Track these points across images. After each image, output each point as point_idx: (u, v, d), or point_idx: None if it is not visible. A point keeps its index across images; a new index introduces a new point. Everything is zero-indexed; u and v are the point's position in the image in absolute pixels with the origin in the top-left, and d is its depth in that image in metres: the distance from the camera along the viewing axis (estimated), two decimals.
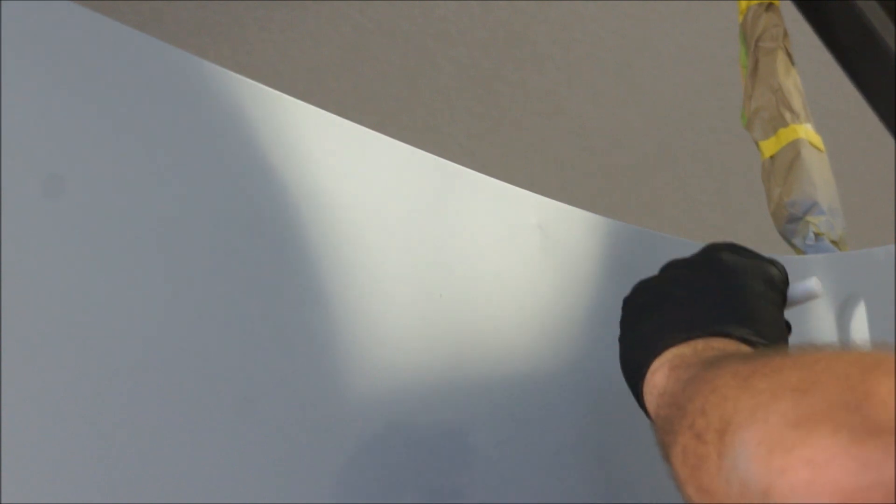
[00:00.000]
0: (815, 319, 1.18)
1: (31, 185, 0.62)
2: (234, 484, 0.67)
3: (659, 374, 0.70)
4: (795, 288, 0.80)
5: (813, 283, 0.80)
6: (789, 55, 1.45)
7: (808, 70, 1.61)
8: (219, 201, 0.72)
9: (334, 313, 0.75)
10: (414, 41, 2.63)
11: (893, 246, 1.21)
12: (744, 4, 1.50)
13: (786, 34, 1.47)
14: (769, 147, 1.44)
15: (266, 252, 0.73)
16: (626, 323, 0.78)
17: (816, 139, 1.40)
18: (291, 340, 0.73)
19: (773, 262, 0.79)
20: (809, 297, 0.80)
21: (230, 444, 0.67)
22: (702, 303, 0.73)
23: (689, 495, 0.58)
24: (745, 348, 0.70)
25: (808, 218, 1.36)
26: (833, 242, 1.34)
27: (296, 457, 0.70)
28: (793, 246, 1.37)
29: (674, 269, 0.78)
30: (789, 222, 1.37)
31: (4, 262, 0.59)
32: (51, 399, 0.60)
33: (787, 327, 0.77)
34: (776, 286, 0.77)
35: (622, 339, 0.78)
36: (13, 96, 0.62)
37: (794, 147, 1.40)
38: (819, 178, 1.38)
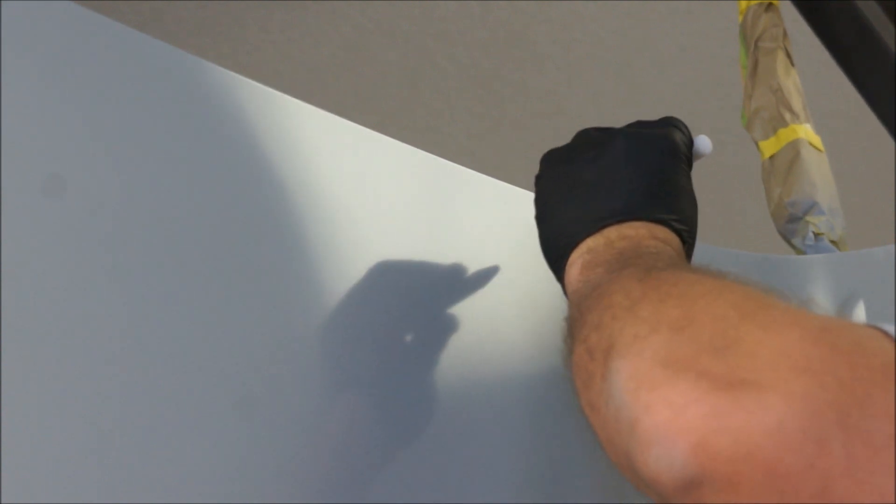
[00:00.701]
0: None
1: (31, 185, 0.62)
2: (234, 484, 0.67)
3: (573, 270, 0.72)
4: (696, 146, 0.79)
5: (703, 140, 0.79)
6: (789, 55, 1.45)
7: (808, 70, 1.61)
8: (219, 201, 0.72)
9: (334, 313, 0.75)
10: (414, 41, 2.63)
11: (893, 246, 1.21)
12: (744, 4, 1.50)
13: (786, 34, 1.47)
14: (769, 147, 1.44)
15: (266, 252, 0.73)
16: (542, 206, 0.77)
17: (816, 139, 1.40)
18: (291, 340, 0.73)
19: (675, 126, 0.79)
20: (703, 154, 0.80)
21: (230, 444, 0.67)
22: (609, 186, 0.73)
23: (582, 406, 0.61)
24: (657, 230, 0.71)
25: (808, 218, 1.35)
26: (833, 242, 1.34)
27: (296, 457, 0.70)
28: (793, 246, 1.37)
29: (582, 146, 0.77)
30: (789, 222, 1.37)
31: (4, 262, 0.59)
32: (51, 399, 0.60)
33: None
34: (681, 154, 0.77)
35: (540, 225, 0.77)
36: (13, 96, 0.62)
37: (794, 147, 1.40)
38: (819, 178, 1.38)
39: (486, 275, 0.84)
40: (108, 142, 0.67)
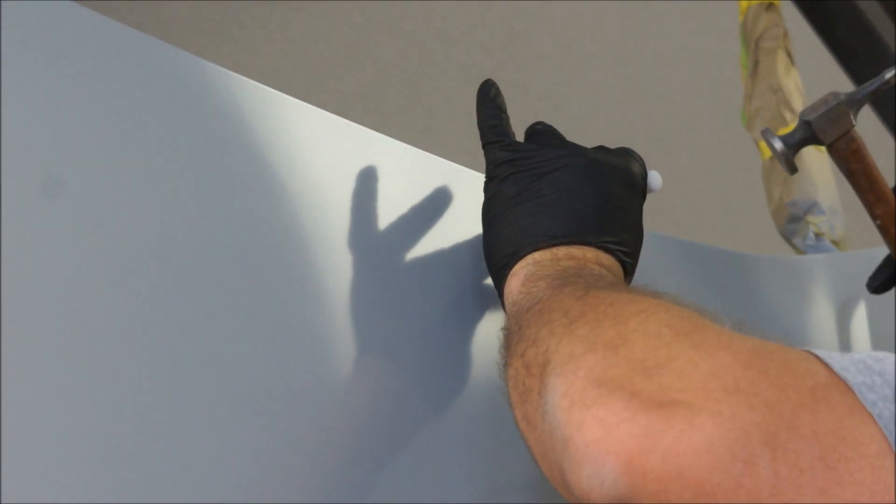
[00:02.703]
0: (815, 319, 1.18)
1: (31, 185, 0.62)
2: (234, 483, 0.67)
3: (515, 281, 0.72)
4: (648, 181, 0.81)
5: (655, 176, 0.80)
6: (789, 55, 1.45)
7: (808, 70, 1.61)
8: (218, 201, 0.72)
9: (334, 312, 0.75)
10: (414, 41, 2.63)
11: None
12: (744, 4, 1.50)
13: (786, 34, 1.47)
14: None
15: (266, 252, 0.73)
16: (493, 210, 0.77)
17: None
18: (291, 340, 0.73)
19: (633, 157, 0.79)
20: (653, 189, 0.81)
21: (230, 444, 0.67)
22: (565, 205, 0.74)
23: (517, 419, 0.62)
24: (603, 257, 0.73)
25: (809, 218, 1.36)
26: (833, 242, 1.34)
27: (296, 456, 0.70)
28: (793, 246, 1.37)
29: (539, 156, 0.77)
30: (790, 222, 1.37)
31: (4, 262, 0.59)
32: (51, 399, 0.60)
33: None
34: (637, 185, 0.78)
35: (488, 228, 0.77)
36: (13, 96, 0.62)
37: None
38: (819, 179, 1.38)
39: (486, 274, 0.84)
40: (107, 142, 0.67)
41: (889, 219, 0.81)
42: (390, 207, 0.81)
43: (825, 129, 0.79)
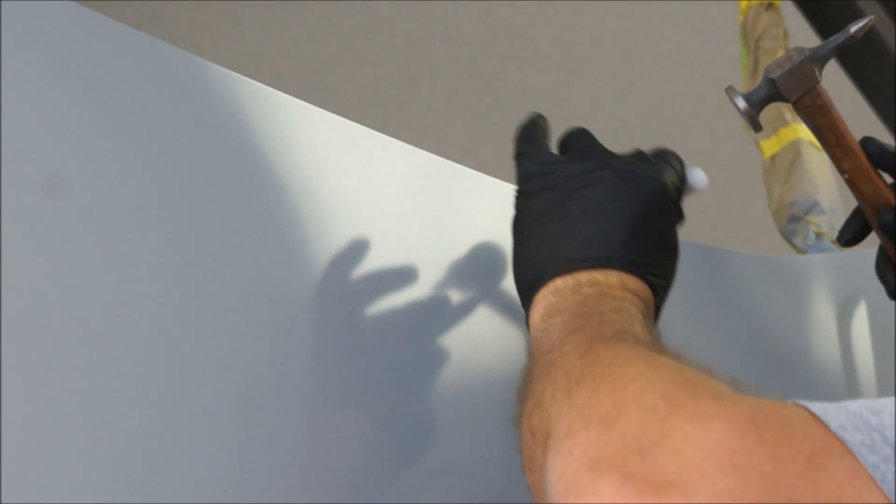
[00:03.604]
0: (815, 320, 1.18)
1: (31, 185, 0.62)
2: (234, 484, 0.67)
3: (536, 312, 0.71)
4: (689, 181, 0.78)
5: (697, 175, 0.78)
6: None
7: None
8: (219, 201, 0.72)
9: (334, 312, 0.75)
10: (414, 41, 2.63)
11: None
12: (744, 4, 1.50)
13: (786, 34, 1.47)
14: (770, 147, 1.44)
15: (266, 251, 0.73)
16: (521, 229, 0.75)
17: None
18: (291, 339, 0.73)
19: (669, 163, 0.77)
20: (697, 190, 0.79)
21: (230, 444, 0.67)
22: (589, 226, 0.72)
23: (528, 483, 0.61)
24: (629, 281, 0.71)
25: (809, 218, 1.36)
26: (833, 242, 1.34)
27: (295, 456, 0.70)
28: (793, 246, 1.37)
29: (567, 169, 0.74)
30: (790, 222, 1.37)
31: (4, 262, 0.59)
32: (51, 399, 0.60)
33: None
34: (670, 199, 0.75)
35: (516, 247, 0.75)
36: (13, 96, 0.62)
37: (795, 147, 1.40)
38: (820, 178, 1.38)
39: (486, 274, 0.84)
40: (107, 141, 0.67)
41: (856, 172, 0.81)
42: (390, 207, 0.81)
43: (790, 85, 0.79)
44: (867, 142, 0.82)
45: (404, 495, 0.75)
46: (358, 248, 0.78)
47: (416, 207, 0.83)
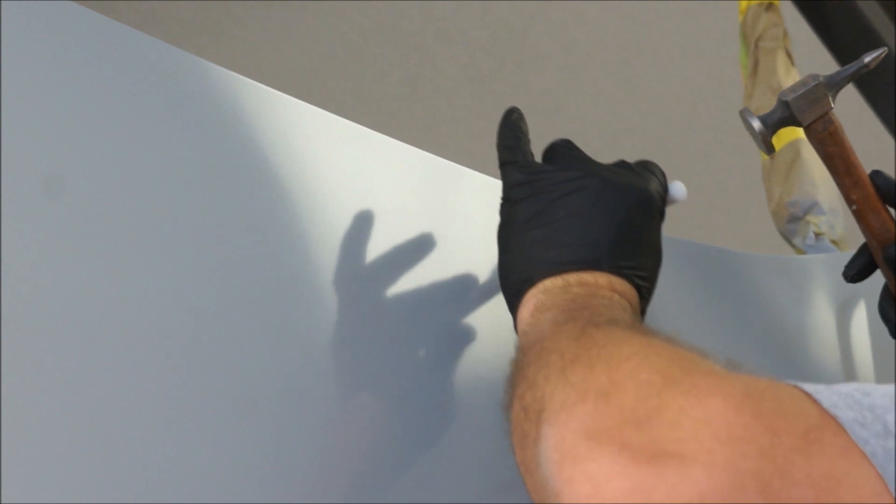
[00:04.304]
0: (814, 320, 1.18)
1: (31, 185, 0.62)
2: (234, 484, 0.67)
3: (525, 310, 0.72)
4: (670, 192, 0.79)
5: (678, 187, 0.79)
6: (789, 55, 1.45)
7: (808, 70, 1.61)
8: (219, 201, 0.72)
9: (334, 312, 0.75)
10: (414, 41, 2.63)
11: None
12: (744, 4, 1.50)
13: (786, 34, 1.47)
14: None
15: (266, 251, 0.73)
16: (507, 235, 0.76)
17: None
18: (291, 339, 0.73)
19: (653, 173, 0.78)
20: (677, 201, 0.80)
21: (231, 444, 0.67)
22: (577, 231, 0.73)
23: (517, 462, 0.61)
24: (617, 282, 0.72)
25: (809, 218, 1.36)
26: (833, 242, 1.34)
27: (295, 456, 0.70)
28: (793, 246, 1.37)
29: (554, 177, 0.75)
30: (790, 222, 1.37)
31: (4, 262, 0.59)
32: (51, 399, 0.60)
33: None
34: (654, 206, 0.76)
35: (502, 253, 0.76)
36: (13, 96, 0.62)
37: (795, 147, 1.40)
38: (819, 178, 1.38)
39: (486, 274, 0.84)
40: (107, 142, 0.67)
41: (864, 204, 0.81)
42: (390, 207, 0.81)
43: (803, 109, 0.80)
44: (877, 175, 0.83)
45: (404, 495, 0.75)
46: (357, 248, 0.78)
47: (416, 207, 0.83)
